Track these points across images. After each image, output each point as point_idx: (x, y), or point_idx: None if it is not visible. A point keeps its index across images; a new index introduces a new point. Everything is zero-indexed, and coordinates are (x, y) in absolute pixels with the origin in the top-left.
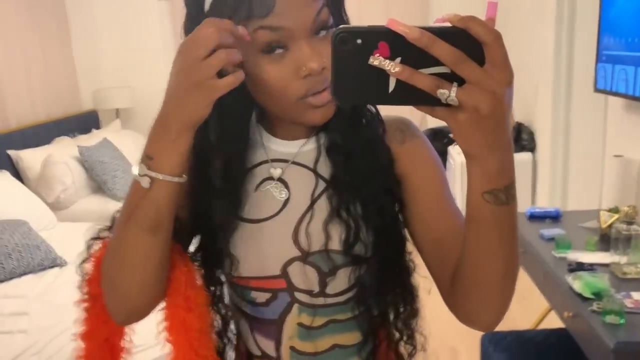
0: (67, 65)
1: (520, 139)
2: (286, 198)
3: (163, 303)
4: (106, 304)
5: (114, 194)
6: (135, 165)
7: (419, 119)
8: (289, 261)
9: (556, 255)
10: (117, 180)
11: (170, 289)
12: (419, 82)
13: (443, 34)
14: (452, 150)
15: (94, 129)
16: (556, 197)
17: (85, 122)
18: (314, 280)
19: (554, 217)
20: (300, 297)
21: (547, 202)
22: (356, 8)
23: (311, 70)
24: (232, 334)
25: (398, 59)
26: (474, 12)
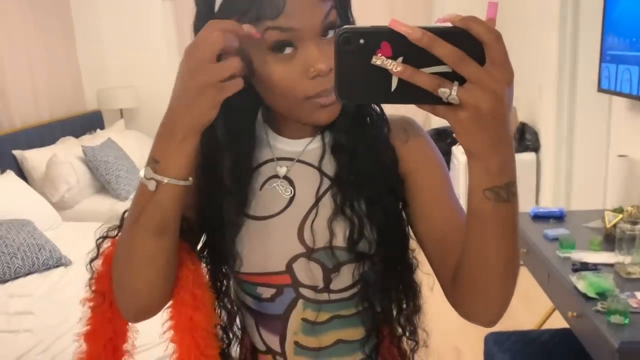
0: (72, 65)
1: (524, 139)
2: (291, 196)
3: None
4: (116, 302)
5: (118, 194)
6: (142, 168)
7: (423, 119)
8: (294, 257)
9: (560, 255)
10: (121, 180)
11: (177, 287)
12: (421, 81)
13: (444, 34)
14: (456, 150)
15: (98, 129)
16: (560, 197)
17: (89, 122)
18: (319, 276)
19: (558, 217)
20: (305, 293)
21: (551, 202)
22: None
23: (319, 71)
24: (238, 329)
25: (400, 59)
26: (476, 13)
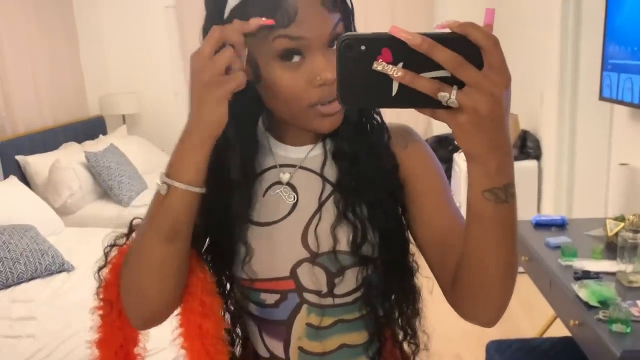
0: (74, 71)
1: (525, 147)
2: (294, 202)
3: (178, 308)
4: (125, 309)
5: (120, 200)
6: (144, 173)
7: (424, 126)
8: (298, 262)
9: (562, 263)
10: (123, 185)
11: (186, 294)
12: (421, 86)
13: (443, 40)
14: (457, 157)
15: (101, 135)
16: (562, 205)
17: (91, 128)
18: (323, 280)
19: (560, 225)
20: (309, 298)
21: (553, 210)
22: (363, 16)
23: (325, 80)
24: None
25: (400, 64)
26: (475, 19)
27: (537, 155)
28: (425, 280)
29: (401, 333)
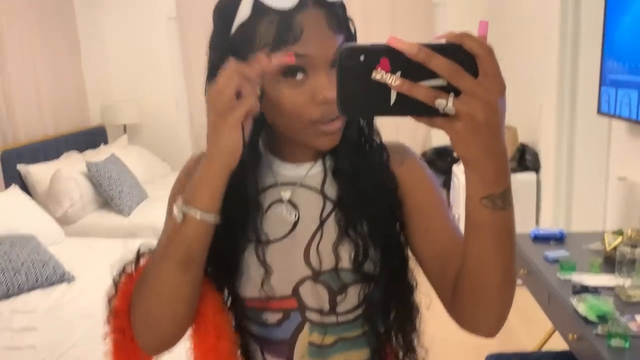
0: (77, 80)
1: (524, 160)
2: (296, 219)
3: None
4: (136, 336)
5: (121, 210)
6: (144, 183)
7: (423, 138)
8: (301, 281)
9: (561, 277)
10: (124, 195)
11: (198, 316)
12: (418, 94)
13: (439, 49)
14: (456, 169)
15: (102, 144)
16: (560, 218)
17: (93, 137)
18: (325, 298)
19: (559, 239)
20: (311, 316)
21: (551, 223)
22: (363, 27)
23: (327, 98)
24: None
25: (398, 73)
26: (475, 32)
27: (536, 168)
28: (423, 296)
29: (400, 349)
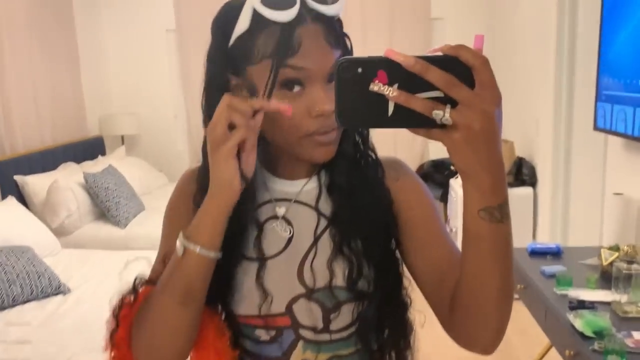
0: (75, 91)
1: (521, 174)
2: (290, 235)
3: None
4: None
5: (118, 221)
6: (142, 195)
7: (421, 150)
8: (294, 298)
9: (557, 292)
10: (121, 207)
11: (198, 338)
12: (416, 105)
13: (436, 61)
14: (454, 182)
15: (100, 155)
16: (557, 232)
17: (90, 148)
18: (318, 316)
19: (555, 253)
20: (304, 334)
21: (548, 237)
22: (361, 41)
23: (323, 111)
24: None
25: (396, 85)
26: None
27: (533, 182)
28: (417, 313)
29: None
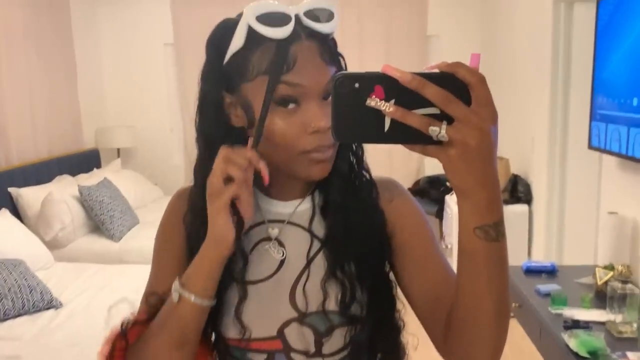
0: (72, 103)
1: (516, 191)
2: (283, 257)
3: None
4: None
5: (112, 234)
6: (136, 208)
7: (417, 167)
8: (286, 322)
9: (552, 311)
10: (115, 220)
11: None
12: (412, 121)
13: (432, 78)
14: (449, 199)
15: (95, 168)
16: (552, 250)
17: (86, 161)
18: (310, 340)
19: (550, 272)
20: (296, 358)
21: (543, 255)
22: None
23: (319, 128)
24: None
25: (392, 101)
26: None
27: (528, 199)
28: (410, 336)
29: None
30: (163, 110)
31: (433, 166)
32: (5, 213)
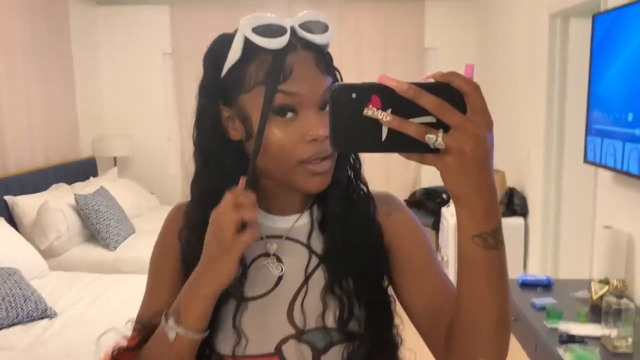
0: (70, 113)
1: (512, 204)
2: (281, 273)
3: None
4: None
5: (107, 244)
6: (132, 217)
7: (414, 178)
8: (284, 339)
9: (547, 325)
10: (111, 229)
11: None
12: (409, 130)
13: (428, 87)
14: (446, 211)
15: (92, 177)
16: (547, 263)
17: (83, 169)
18: (308, 357)
19: (546, 285)
20: None
21: (539, 268)
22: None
23: (317, 136)
24: None
25: (389, 110)
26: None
27: (524, 212)
28: (408, 352)
29: None
30: (160, 119)
31: (429, 178)
32: (0, 221)
